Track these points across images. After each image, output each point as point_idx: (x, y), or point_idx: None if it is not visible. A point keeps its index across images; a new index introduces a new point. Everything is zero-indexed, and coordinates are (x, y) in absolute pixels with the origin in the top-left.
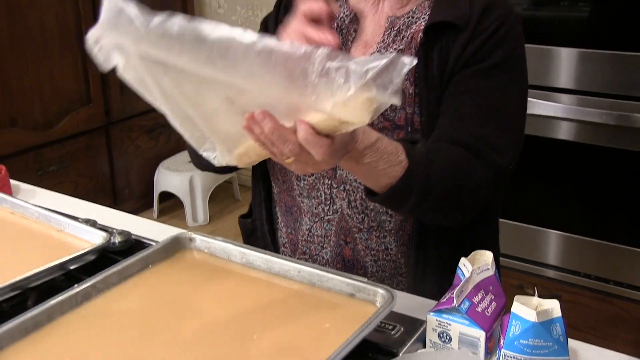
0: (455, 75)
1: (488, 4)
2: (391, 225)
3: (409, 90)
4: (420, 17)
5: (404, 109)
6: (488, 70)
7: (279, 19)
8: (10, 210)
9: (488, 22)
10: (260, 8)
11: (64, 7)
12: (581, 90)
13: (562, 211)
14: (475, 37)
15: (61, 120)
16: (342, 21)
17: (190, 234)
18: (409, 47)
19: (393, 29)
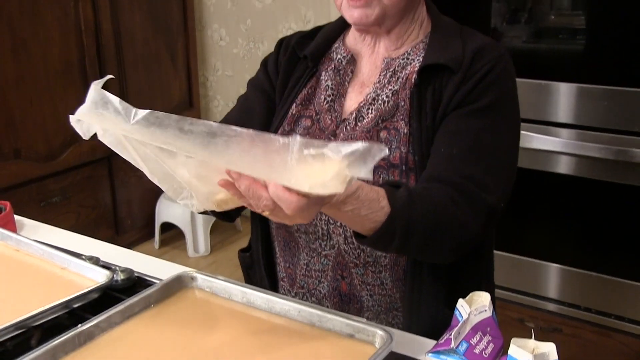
0: (447, 116)
1: (480, 48)
2: (386, 260)
3: (403, 130)
4: (414, 58)
5: (399, 147)
6: (479, 111)
7: (279, 60)
8: (15, 247)
9: (480, 64)
10: (261, 41)
11: (68, 43)
12: (580, 124)
13: (562, 244)
14: (467, 79)
15: (64, 152)
16: (340, 62)
17: (192, 273)
18: (404, 88)
19: (389, 70)
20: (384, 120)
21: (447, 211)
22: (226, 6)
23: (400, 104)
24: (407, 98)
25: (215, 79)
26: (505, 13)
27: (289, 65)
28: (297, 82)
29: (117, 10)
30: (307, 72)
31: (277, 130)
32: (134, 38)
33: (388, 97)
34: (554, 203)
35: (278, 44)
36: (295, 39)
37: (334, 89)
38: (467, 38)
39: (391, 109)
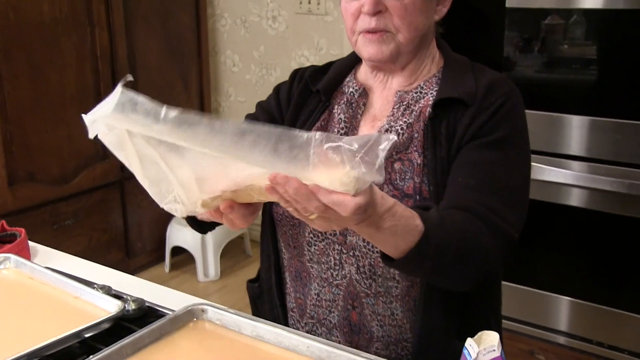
0: (463, 148)
1: (493, 82)
2: (398, 290)
3: (417, 161)
4: (428, 92)
5: (412, 178)
6: (493, 143)
7: (292, 90)
8: (29, 275)
9: (493, 98)
10: (274, 68)
11: (84, 68)
12: (591, 157)
13: (574, 277)
14: (481, 112)
15: (77, 175)
16: (352, 95)
17: (203, 305)
18: (418, 120)
19: (402, 104)
20: (398, 152)
21: (474, 236)
22: (239, 33)
23: (414, 136)
24: (420, 130)
25: (228, 105)
26: (518, 42)
27: (301, 98)
28: (310, 115)
29: (132, 37)
30: (320, 106)
31: None
32: (148, 64)
33: (403, 129)
34: (565, 235)
35: (292, 75)
36: (309, 72)
37: (347, 122)
38: (478, 73)
39: (405, 141)
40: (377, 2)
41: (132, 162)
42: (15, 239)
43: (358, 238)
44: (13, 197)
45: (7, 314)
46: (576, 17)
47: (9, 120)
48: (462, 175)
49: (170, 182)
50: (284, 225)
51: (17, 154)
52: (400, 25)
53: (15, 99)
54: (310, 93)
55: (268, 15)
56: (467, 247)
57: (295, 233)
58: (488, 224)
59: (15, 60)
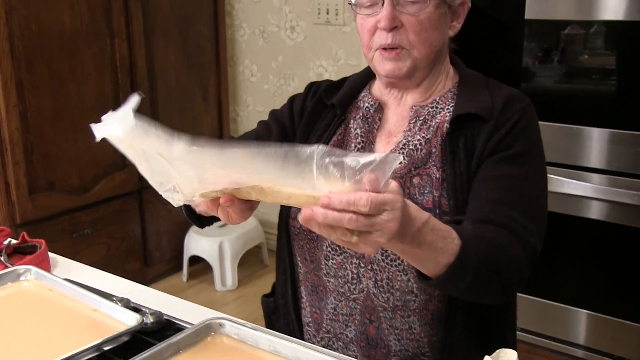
0: (484, 162)
1: (509, 97)
2: (415, 304)
3: (435, 176)
4: (444, 107)
5: (431, 192)
6: (513, 158)
7: (306, 103)
8: (49, 287)
9: (510, 113)
10: (292, 78)
11: (103, 78)
12: (611, 170)
13: (593, 290)
14: (499, 127)
15: (96, 184)
16: (368, 110)
17: (220, 319)
18: (435, 135)
19: (418, 118)
20: (417, 168)
21: (506, 249)
22: (258, 43)
23: (432, 151)
24: (438, 145)
25: (246, 115)
26: (537, 52)
27: (315, 111)
28: (326, 129)
29: (151, 48)
30: (335, 120)
31: None
32: (167, 74)
33: (421, 144)
34: (584, 248)
35: (308, 87)
36: (324, 86)
37: (364, 137)
38: (494, 89)
39: (424, 157)
40: (394, 17)
41: (134, 155)
42: (36, 250)
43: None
44: (33, 206)
45: (27, 326)
46: (596, 27)
47: (29, 129)
48: (486, 189)
49: (171, 174)
50: (301, 239)
51: (37, 163)
52: (416, 41)
53: (36, 108)
54: (324, 107)
55: (286, 25)
56: (502, 259)
57: (313, 247)
58: (517, 236)
59: (37, 70)
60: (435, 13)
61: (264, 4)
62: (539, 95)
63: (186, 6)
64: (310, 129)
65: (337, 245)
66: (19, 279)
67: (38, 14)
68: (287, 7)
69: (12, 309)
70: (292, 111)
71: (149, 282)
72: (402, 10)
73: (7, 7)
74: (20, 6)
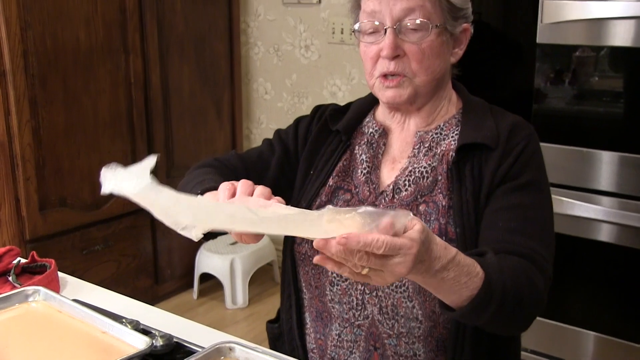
0: (495, 192)
1: (514, 125)
2: (420, 331)
3: (441, 203)
4: (448, 134)
5: (438, 219)
6: (524, 186)
7: (311, 127)
8: (58, 308)
9: (516, 140)
10: (305, 96)
11: (117, 95)
12: (622, 193)
13: (602, 312)
14: (506, 155)
15: (108, 201)
16: (372, 136)
17: (231, 343)
18: (441, 163)
19: (423, 145)
20: (423, 195)
21: (529, 279)
22: (272, 61)
23: (438, 179)
24: (444, 173)
25: (259, 132)
26: (549, 74)
27: (319, 136)
28: (332, 154)
29: (166, 65)
30: (341, 146)
31: (313, 200)
32: (182, 91)
33: (427, 172)
34: (594, 271)
35: (314, 111)
36: (329, 111)
37: (369, 162)
38: (498, 116)
39: (430, 185)
40: (396, 46)
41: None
42: (45, 270)
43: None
44: (44, 221)
45: (36, 348)
46: (607, 50)
47: (42, 145)
48: (501, 219)
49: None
50: (306, 264)
51: (48, 179)
52: (418, 69)
53: (49, 124)
54: (329, 132)
55: (301, 44)
56: (525, 291)
57: (318, 272)
58: (537, 265)
59: (50, 86)
60: (437, 41)
61: (279, 23)
62: (551, 117)
63: (201, 23)
64: (315, 154)
65: None
66: (28, 300)
67: (53, 30)
68: (302, 26)
69: (20, 331)
70: (297, 134)
71: (160, 300)
72: (404, 39)
73: (22, 24)
74: (35, 23)
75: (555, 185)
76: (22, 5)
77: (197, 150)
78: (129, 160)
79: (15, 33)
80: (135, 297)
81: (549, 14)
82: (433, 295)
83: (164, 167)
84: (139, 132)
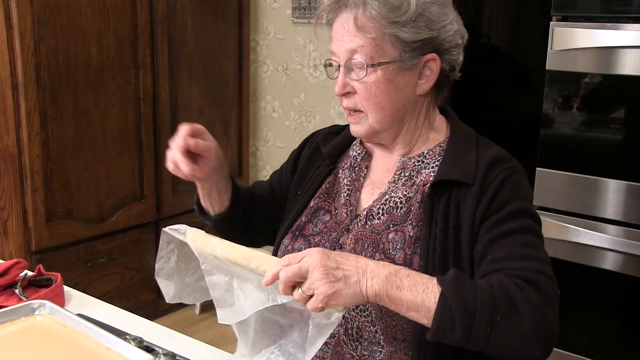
0: (480, 230)
1: (494, 159)
2: (382, 355)
3: (409, 233)
4: (430, 162)
5: (403, 249)
6: (509, 216)
7: (302, 154)
8: (63, 323)
9: (494, 175)
10: (313, 115)
11: (126, 110)
12: (628, 222)
13: (606, 341)
14: (484, 192)
15: (114, 214)
16: (355, 159)
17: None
18: (416, 194)
19: (404, 171)
20: (395, 225)
21: (511, 292)
22: (281, 79)
23: (411, 210)
24: (417, 203)
25: (266, 150)
26: (557, 99)
27: (310, 159)
28: (317, 177)
29: (175, 80)
30: (325, 169)
31: (294, 221)
32: (190, 108)
33: (402, 202)
34: (599, 299)
35: (308, 137)
36: (321, 136)
37: (350, 185)
38: (482, 150)
39: (403, 215)
40: (344, 84)
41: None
42: (51, 283)
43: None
44: (49, 234)
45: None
46: (615, 78)
47: (50, 158)
48: (490, 251)
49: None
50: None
51: (56, 191)
52: (367, 106)
53: (59, 137)
54: (320, 155)
55: (310, 63)
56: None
57: None
58: (532, 283)
59: (61, 100)
60: (384, 78)
61: (288, 42)
62: (558, 143)
63: (212, 41)
64: (304, 176)
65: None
66: (33, 313)
67: (66, 45)
68: (311, 45)
69: (25, 344)
70: (288, 166)
71: (162, 314)
72: (352, 77)
73: (36, 38)
74: (49, 37)
75: (561, 212)
76: (37, 20)
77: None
78: (136, 173)
79: (29, 46)
80: (138, 310)
81: (559, 41)
82: (395, 322)
83: (170, 183)
84: (147, 147)
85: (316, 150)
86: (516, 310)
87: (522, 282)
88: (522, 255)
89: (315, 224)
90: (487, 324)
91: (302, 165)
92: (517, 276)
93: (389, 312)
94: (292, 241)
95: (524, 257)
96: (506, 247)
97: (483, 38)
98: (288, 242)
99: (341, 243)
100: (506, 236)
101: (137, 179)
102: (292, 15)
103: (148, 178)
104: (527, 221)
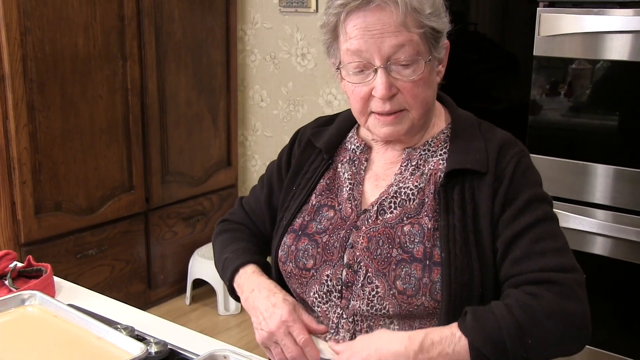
0: (498, 222)
1: (502, 145)
2: None
3: (427, 226)
4: (436, 150)
5: (422, 242)
6: (526, 206)
7: (293, 151)
8: (54, 313)
9: (505, 162)
10: (301, 104)
11: (114, 101)
12: (616, 206)
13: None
14: (499, 178)
15: (103, 205)
16: (354, 152)
17: (225, 351)
18: (428, 184)
19: (410, 162)
20: (409, 217)
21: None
22: (269, 69)
23: (425, 201)
24: (431, 194)
25: (254, 139)
26: (545, 85)
27: (304, 154)
28: (314, 172)
29: (163, 71)
30: (322, 164)
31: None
32: (178, 98)
33: (414, 194)
34: (588, 283)
35: (294, 136)
36: (310, 129)
37: (351, 179)
38: (487, 134)
39: (417, 207)
40: (390, 85)
41: None
42: (41, 274)
43: (362, 302)
44: (38, 226)
45: (31, 352)
46: (603, 63)
47: (39, 150)
48: (509, 251)
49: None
50: (292, 282)
51: (44, 183)
52: (413, 104)
53: (46, 129)
54: (314, 149)
55: (297, 52)
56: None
57: (302, 292)
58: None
59: (48, 91)
60: (427, 72)
61: (275, 31)
62: (546, 129)
63: (199, 31)
64: (298, 171)
65: (323, 293)
66: (24, 303)
67: (53, 37)
68: (299, 34)
69: (16, 335)
70: (280, 165)
71: (152, 305)
72: (397, 77)
73: (22, 29)
74: (35, 28)
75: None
76: (23, 11)
77: (193, 157)
78: (124, 164)
79: (15, 38)
80: (128, 302)
81: (546, 26)
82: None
83: (159, 173)
84: (135, 138)
85: (308, 145)
86: (540, 324)
87: (534, 287)
88: (538, 252)
89: (319, 222)
90: (521, 350)
91: (295, 161)
92: (529, 281)
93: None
94: (295, 241)
95: (540, 254)
96: (524, 246)
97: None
98: (290, 241)
99: (352, 242)
100: (524, 233)
101: (126, 170)
102: (279, 5)
103: (137, 169)
104: (541, 209)
